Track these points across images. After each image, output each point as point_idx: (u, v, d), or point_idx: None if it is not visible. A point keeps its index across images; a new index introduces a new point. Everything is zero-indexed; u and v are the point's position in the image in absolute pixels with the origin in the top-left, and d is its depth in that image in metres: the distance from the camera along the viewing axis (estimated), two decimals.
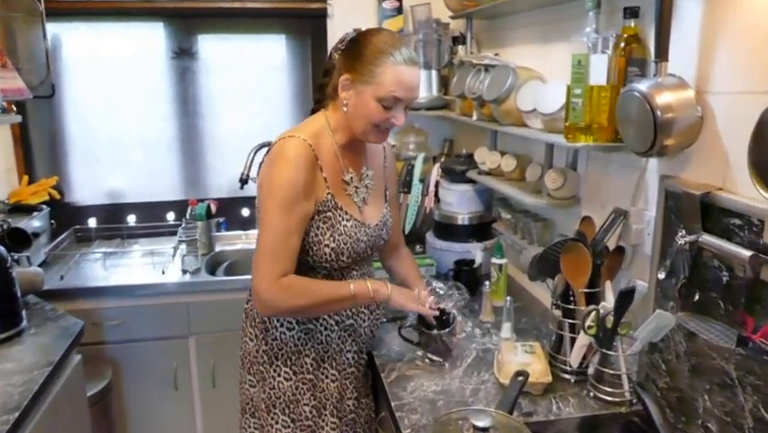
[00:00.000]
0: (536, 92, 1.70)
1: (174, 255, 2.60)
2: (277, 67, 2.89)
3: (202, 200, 2.75)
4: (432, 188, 2.50)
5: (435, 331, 1.59)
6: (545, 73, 1.85)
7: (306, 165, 1.42)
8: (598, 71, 1.42)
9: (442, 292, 1.68)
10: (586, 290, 1.48)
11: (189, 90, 2.82)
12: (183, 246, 2.63)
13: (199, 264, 2.53)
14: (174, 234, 2.72)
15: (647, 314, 1.34)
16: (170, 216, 2.84)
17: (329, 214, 1.48)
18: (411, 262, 1.81)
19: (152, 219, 2.82)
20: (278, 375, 1.57)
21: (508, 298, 1.78)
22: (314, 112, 1.58)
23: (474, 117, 2.10)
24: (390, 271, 1.85)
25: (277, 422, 1.58)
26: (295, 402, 1.57)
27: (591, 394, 1.45)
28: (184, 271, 2.48)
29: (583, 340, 1.46)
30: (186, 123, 2.85)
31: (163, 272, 2.46)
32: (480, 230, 2.32)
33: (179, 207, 2.82)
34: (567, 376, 1.53)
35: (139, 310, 2.38)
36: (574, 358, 1.48)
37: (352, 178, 1.54)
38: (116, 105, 2.77)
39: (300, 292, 1.43)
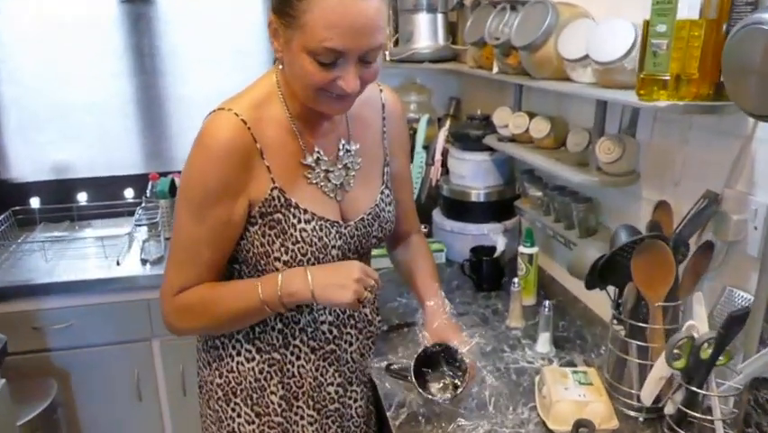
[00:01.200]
0: (587, 34, 1.27)
1: (131, 241, 2.19)
2: (253, 13, 2.41)
3: (165, 174, 2.32)
4: (438, 157, 2.09)
5: (427, 394, 1.16)
6: (592, 11, 1.42)
7: (232, 155, 1.02)
8: (691, 2, 1.01)
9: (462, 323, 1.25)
10: (664, 304, 1.10)
11: (145, 42, 2.35)
12: (143, 230, 2.21)
13: (162, 252, 2.12)
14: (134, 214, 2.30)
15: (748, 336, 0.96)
16: (129, 194, 2.41)
17: (277, 216, 1.08)
18: (422, 255, 1.38)
19: (107, 197, 2.39)
20: (239, 417, 1.19)
21: (547, 301, 1.39)
22: None
23: (495, 70, 1.67)
24: (396, 264, 1.45)
25: None
26: None
27: None
28: (144, 261, 2.07)
29: (662, 371, 1.07)
30: (143, 82, 2.39)
31: (118, 263, 2.05)
32: (499, 209, 1.92)
33: (139, 182, 2.39)
34: (633, 414, 1.16)
35: (90, 310, 1.99)
36: (647, 394, 1.10)
37: (318, 159, 1.12)
38: (57, 63, 2.30)
39: (199, 313, 1.09)
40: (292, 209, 1.09)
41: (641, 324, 1.12)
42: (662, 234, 1.08)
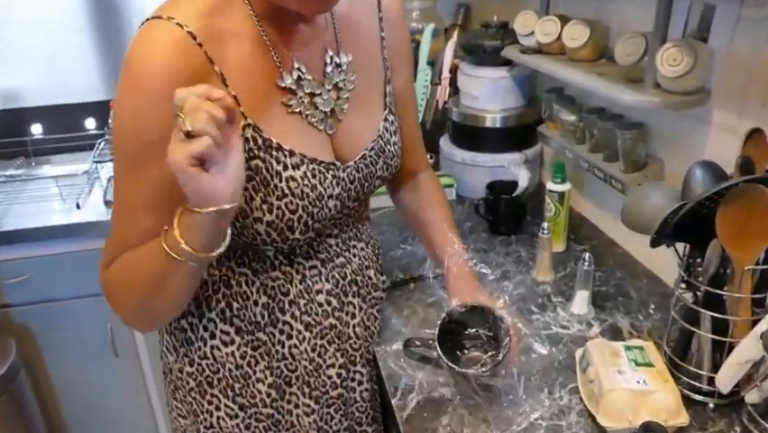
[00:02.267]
0: None
1: (92, 180, 1.90)
2: None
3: None
4: (446, 75, 1.77)
5: (459, 368, 0.92)
6: None
7: (181, 83, 0.68)
8: None
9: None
10: (758, 267, 0.83)
11: None
12: (107, 167, 1.93)
13: None
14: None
15: None
16: (90, 124, 2.10)
17: (254, 163, 0.80)
18: (436, 201, 1.12)
19: (66, 129, 2.08)
20: (217, 410, 0.96)
21: (587, 254, 1.13)
22: None
23: None
24: (402, 212, 1.19)
25: None
26: None
27: None
28: (108, 203, 1.80)
29: (750, 354, 0.83)
30: None
31: (78, 206, 1.78)
32: (519, 135, 1.62)
33: (101, 110, 2.07)
34: (699, 399, 0.92)
35: (50, 261, 1.74)
36: (726, 379, 0.86)
37: (300, 78, 0.83)
38: None
39: (122, 286, 0.82)
40: (273, 152, 0.81)
41: (721, 291, 0.86)
42: (764, 177, 0.80)
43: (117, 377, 1.91)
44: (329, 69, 0.87)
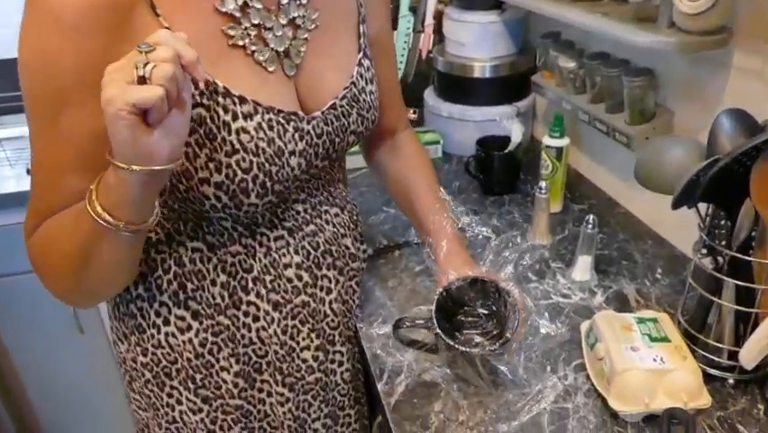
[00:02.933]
0: None
1: None
2: None
3: None
4: (430, 21, 1.63)
5: (466, 347, 0.82)
6: None
7: (94, 19, 0.58)
8: None
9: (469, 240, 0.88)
10: None
11: None
12: None
13: None
14: None
15: None
16: None
17: (197, 111, 0.67)
18: (420, 165, 1.01)
19: (11, 87, 1.90)
20: (179, 404, 0.85)
21: (591, 216, 1.02)
22: None
23: None
24: (382, 177, 1.06)
25: None
26: None
27: None
28: None
29: None
30: None
31: (28, 171, 1.61)
32: (512, 86, 1.50)
33: None
34: (718, 374, 0.83)
35: (2, 232, 1.59)
36: (751, 355, 0.77)
37: (247, 2, 0.70)
38: None
39: (59, 254, 0.69)
40: (219, 98, 0.67)
41: (747, 257, 0.76)
42: None
43: (84, 355, 1.80)
44: (285, 0, 0.73)
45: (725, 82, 0.97)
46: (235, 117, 0.68)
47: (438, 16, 1.61)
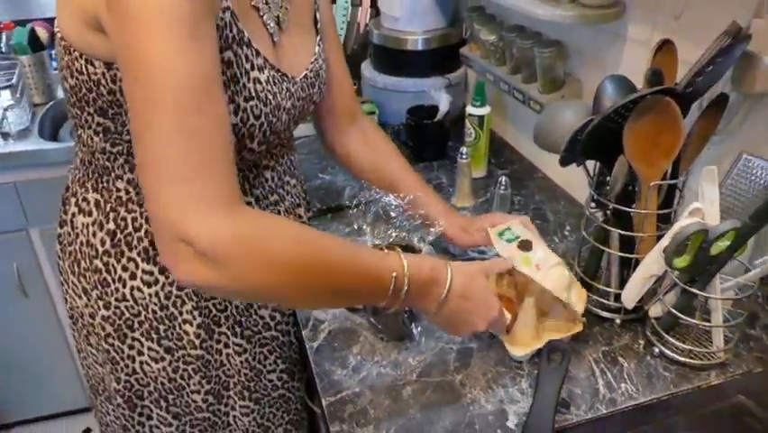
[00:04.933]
0: None
1: None
2: None
3: (23, 23, 1.82)
4: None
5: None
6: None
7: None
8: None
9: (395, 215, 0.94)
10: (663, 183, 0.83)
11: None
12: (2, 95, 1.76)
13: (28, 122, 1.71)
14: None
15: None
16: None
17: (227, 55, 0.72)
18: (390, 149, 1.08)
19: None
20: (140, 355, 0.90)
21: (503, 178, 1.11)
22: None
23: None
24: (350, 160, 1.09)
25: (150, 418, 0.95)
26: (177, 391, 0.93)
27: (656, 351, 0.87)
28: (4, 136, 1.65)
29: (653, 269, 0.83)
30: None
31: None
32: (442, 58, 1.56)
33: None
34: (608, 315, 0.93)
35: None
36: (630, 296, 0.87)
37: None
38: None
39: (305, 266, 0.64)
40: (244, 48, 0.74)
41: (628, 208, 0.85)
42: (671, 88, 0.77)
43: (29, 319, 1.81)
44: None
45: (621, 51, 1.06)
46: (252, 68, 0.75)
47: None
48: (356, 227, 1.12)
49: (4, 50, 1.83)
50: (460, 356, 0.88)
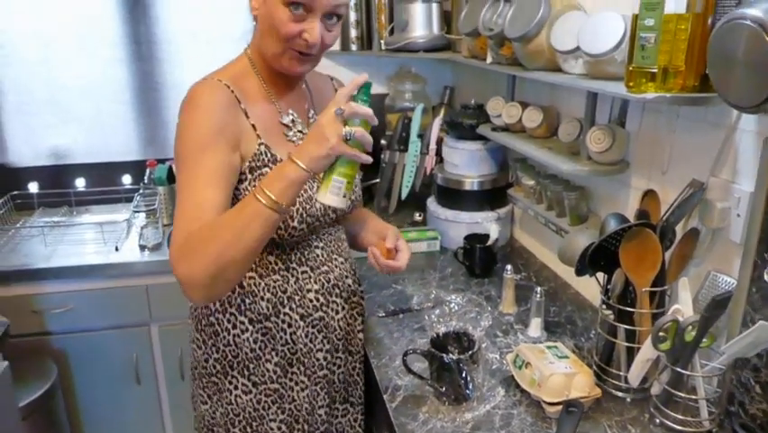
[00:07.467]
0: (578, 26, 1.30)
1: (129, 227, 2.21)
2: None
3: (163, 161, 2.34)
4: (433, 146, 2.13)
5: (449, 357, 1.21)
6: (585, 3, 1.45)
7: (224, 107, 1.08)
8: None
9: (456, 308, 1.30)
10: (651, 289, 1.14)
11: (142, 29, 2.36)
12: (141, 217, 2.24)
13: (161, 238, 2.15)
14: (132, 200, 2.32)
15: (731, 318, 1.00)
16: (126, 180, 2.44)
17: (266, 171, 1.13)
18: (365, 213, 1.49)
19: (105, 183, 2.41)
20: (236, 388, 1.23)
21: (538, 288, 1.43)
22: None
23: (489, 60, 1.70)
24: (351, 236, 1.45)
25: None
26: (259, 419, 1.25)
27: (657, 421, 1.12)
28: (142, 248, 2.09)
29: (648, 354, 1.12)
30: (140, 68, 2.40)
31: (117, 249, 2.07)
32: (492, 197, 1.95)
33: (137, 168, 2.42)
34: (621, 395, 1.20)
35: (89, 295, 2.00)
36: (634, 376, 1.15)
37: (293, 120, 1.22)
38: (53, 47, 2.31)
39: (200, 240, 0.98)
40: (278, 164, 1.13)
41: (628, 308, 1.16)
42: (650, 222, 1.12)
43: (137, 403, 2.14)
44: (310, 119, 1.26)
45: (628, 197, 1.41)
46: None
47: (439, 142, 2.10)
48: (422, 325, 1.46)
49: (146, 181, 2.33)
50: (503, 417, 1.16)
